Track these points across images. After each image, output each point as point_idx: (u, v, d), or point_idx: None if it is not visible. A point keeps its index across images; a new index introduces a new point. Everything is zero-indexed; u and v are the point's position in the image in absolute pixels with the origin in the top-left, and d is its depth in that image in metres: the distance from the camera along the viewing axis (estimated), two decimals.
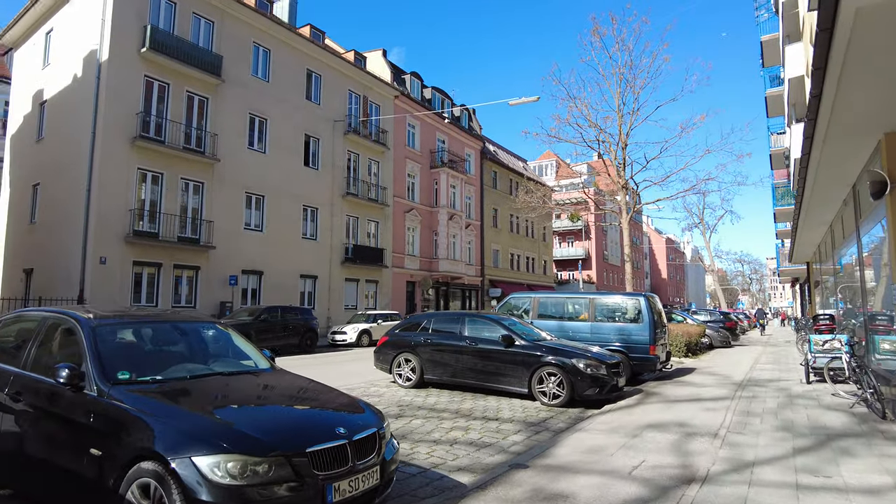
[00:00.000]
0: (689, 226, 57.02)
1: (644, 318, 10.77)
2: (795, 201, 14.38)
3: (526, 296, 12.52)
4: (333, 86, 27.90)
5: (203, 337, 4.82)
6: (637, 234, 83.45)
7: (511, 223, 45.38)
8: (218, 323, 5.08)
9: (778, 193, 25.34)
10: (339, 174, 27.62)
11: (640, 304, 10.93)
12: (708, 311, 26.80)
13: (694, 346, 18.21)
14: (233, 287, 21.84)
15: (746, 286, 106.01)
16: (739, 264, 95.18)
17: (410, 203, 32.76)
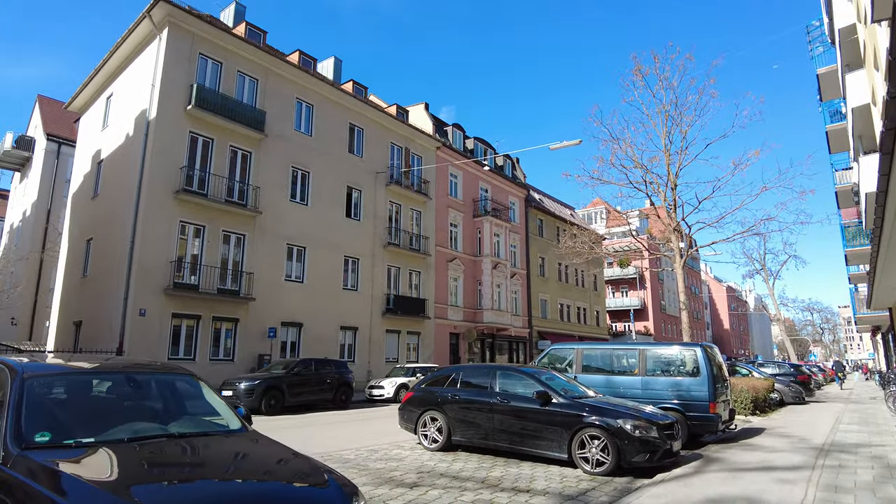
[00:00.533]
0: (750, 272, 53.76)
1: (702, 371, 9.52)
2: (871, 242, 12.95)
3: (569, 347, 11.45)
4: (375, 138, 28.16)
5: (166, 391, 4.18)
6: (695, 283, 79.93)
7: (559, 272, 44.07)
8: (190, 374, 4.43)
9: (848, 234, 23.36)
10: (380, 224, 27.47)
11: (697, 356, 9.70)
12: (776, 364, 24.52)
13: (762, 402, 16.41)
14: (271, 339, 21.53)
15: (818, 337, 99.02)
16: (808, 313, 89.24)
17: (453, 252, 32.22)
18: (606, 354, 10.88)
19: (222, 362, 20.18)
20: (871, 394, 28.12)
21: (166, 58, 20.00)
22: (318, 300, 23.80)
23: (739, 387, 15.54)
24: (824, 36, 23.69)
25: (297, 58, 26.76)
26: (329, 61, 31.86)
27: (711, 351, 10.26)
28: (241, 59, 22.47)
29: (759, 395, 16.27)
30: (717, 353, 10.64)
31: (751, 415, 15.13)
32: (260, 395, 15.20)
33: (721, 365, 10.67)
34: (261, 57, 23.11)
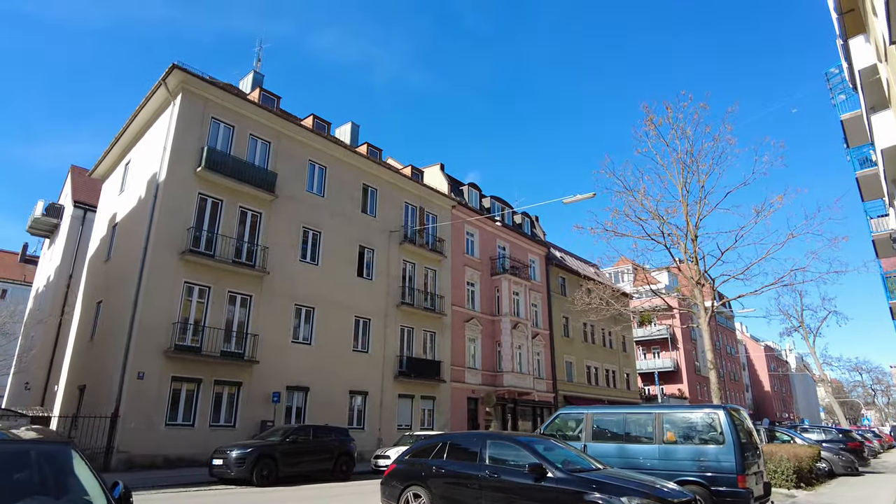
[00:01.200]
0: (787, 330, 51.03)
1: (728, 437, 8.30)
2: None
3: (578, 411, 10.30)
4: (389, 198, 28.01)
5: (19, 463, 3.39)
6: (731, 342, 76.54)
7: (584, 332, 42.44)
8: (58, 441, 3.64)
9: (891, 284, 21.76)
10: (393, 284, 26.84)
11: (721, 420, 8.50)
12: (822, 429, 22.38)
13: (807, 473, 14.66)
14: (275, 404, 20.63)
15: (870, 399, 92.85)
16: (857, 373, 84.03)
17: (470, 312, 31.24)
18: (619, 420, 9.69)
19: (223, 428, 19.25)
20: None
21: (178, 121, 20.33)
22: (327, 363, 22.94)
23: (778, 455, 13.96)
24: (845, 82, 23.01)
25: (311, 122, 27.13)
26: (346, 126, 32.43)
27: (738, 414, 9.03)
28: (253, 123, 22.77)
29: (804, 464, 14.58)
30: (744, 416, 9.38)
31: (794, 488, 13.45)
32: (252, 465, 14.17)
33: (751, 431, 9.38)
34: (273, 121, 23.42)
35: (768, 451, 14.35)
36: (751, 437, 9.18)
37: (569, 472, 6.88)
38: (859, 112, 22.45)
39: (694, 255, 17.44)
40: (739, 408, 9.49)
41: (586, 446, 9.54)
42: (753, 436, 9.38)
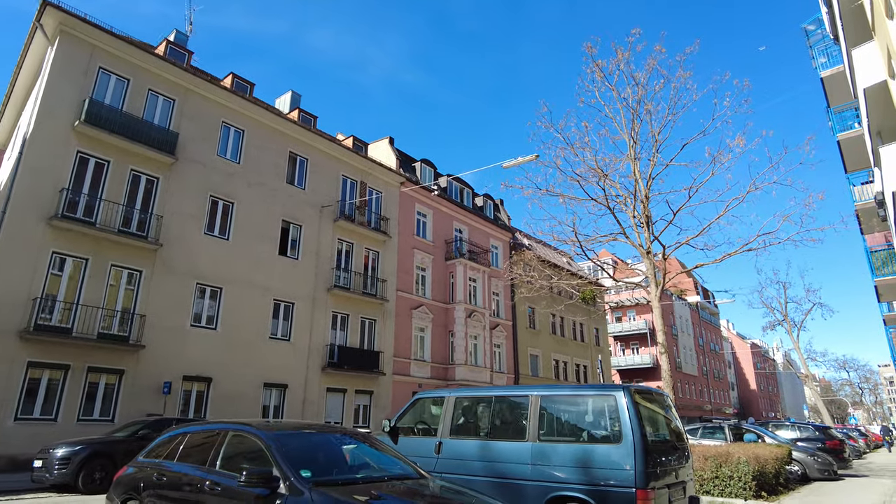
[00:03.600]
0: (770, 324, 48.69)
1: (626, 434, 5.46)
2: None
3: (438, 395, 7.44)
4: (323, 170, 25.09)
5: None
6: (716, 340, 74.21)
7: (553, 324, 39.70)
8: None
9: (876, 260, 19.10)
10: (324, 264, 23.92)
11: (618, 407, 5.64)
12: (798, 426, 19.69)
13: (772, 478, 11.91)
14: (166, 396, 17.66)
15: (857, 398, 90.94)
16: (844, 371, 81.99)
17: (419, 298, 28.37)
18: (488, 406, 6.85)
19: (97, 423, 16.24)
20: None
21: (53, 67, 17.40)
22: (236, 351, 20.01)
23: (735, 458, 11.18)
24: (827, 38, 20.37)
25: (230, 81, 24.18)
26: (286, 96, 29.59)
27: (648, 400, 6.22)
28: (154, 78, 19.83)
29: (768, 467, 11.84)
30: (658, 401, 6.56)
31: (753, 498, 10.69)
32: (78, 466, 11.27)
33: (672, 424, 6.58)
34: (180, 76, 20.48)
35: (724, 453, 11.59)
36: (669, 434, 6.39)
37: (321, 484, 4.01)
38: (841, 68, 19.86)
39: (644, 218, 14.68)
40: (655, 390, 6.68)
41: (441, 444, 6.73)
42: (676, 432, 6.57)
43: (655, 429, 6.12)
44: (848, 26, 14.78)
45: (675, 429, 6.58)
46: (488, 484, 6.07)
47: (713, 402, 65.60)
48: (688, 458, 6.47)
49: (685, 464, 6.30)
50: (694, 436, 16.83)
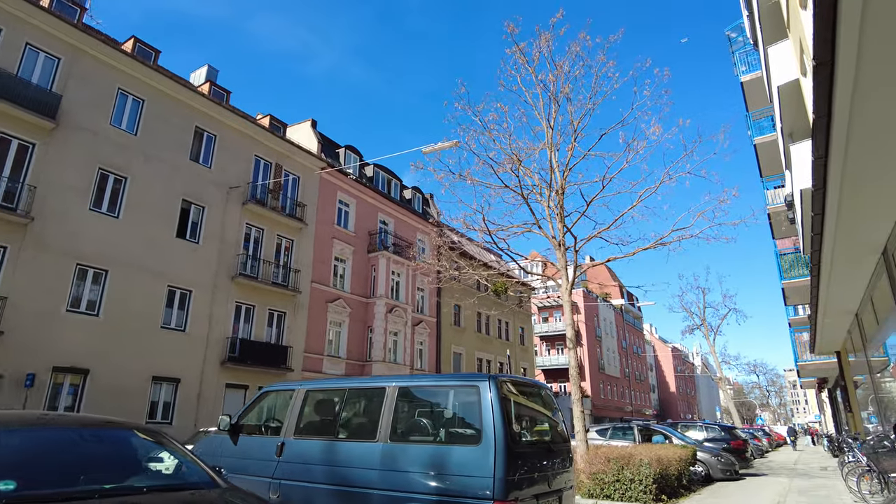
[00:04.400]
0: (689, 328, 50.48)
1: (486, 432, 4.53)
2: (811, 258, 8.72)
3: (289, 387, 6.31)
4: (234, 149, 23.29)
5: None
6: (638, 343, 76.33)
7: (479, 323, 39.17)
8: None
9: (784, 263, 19.46)
10: (229, 250, 22.16)
11: (480, 401, 4.71)
12: (705, 427, 19.78)
13: (675, 481, 11.48)
14: (28, 389, 15.57)
15: (765, 399, 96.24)
16: (755, 375, 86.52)
17: (336, 291, 26.98)
18: (339, 399, 5.79)
19: None
20: (820, 461, 23.64)
21: None
22: (121, 341, 18.02)
23: (637, 460, 10.65)
24: (748, 45, 20.65)
25: (131, 45, 22.03)
26: (201, 70, 27.47)
27: (519, 391, 5.34)
28: (34, 31, 17.60)
29: (671, 469, 11.39)
30: (536, 395, 5.72)
31: (653, 502, 10.15)
32: None
33: (548, 419, 5.75)
34: (69, 34, 18.31)
35: (627, 455, 11.06)
36: (547, 434, 5.55)
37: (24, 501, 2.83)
38: (759, 74, 20.13)
39: (559, 210, 14.07)
40: (533, 381, 5.84)
41: (284, 445, 5.63)
42: (557, 432, 5.73)
43: (528, 428, 5.28)
44: (766, 25, 14.73)
45: (555, 428, 5.75)
46: (330, 493, 5.04)
47: (634, 403, 67.33)
48: (569, 463, 5.65)
49: (564, 470, 5.47)
50: (604, 436, 16.45)
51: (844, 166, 5.19)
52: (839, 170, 5.28)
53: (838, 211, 6.35)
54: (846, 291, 10.06)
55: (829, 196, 5.73)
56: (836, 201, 5.80)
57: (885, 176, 5.66)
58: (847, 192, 5.76)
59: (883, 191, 5.83)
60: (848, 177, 5.40)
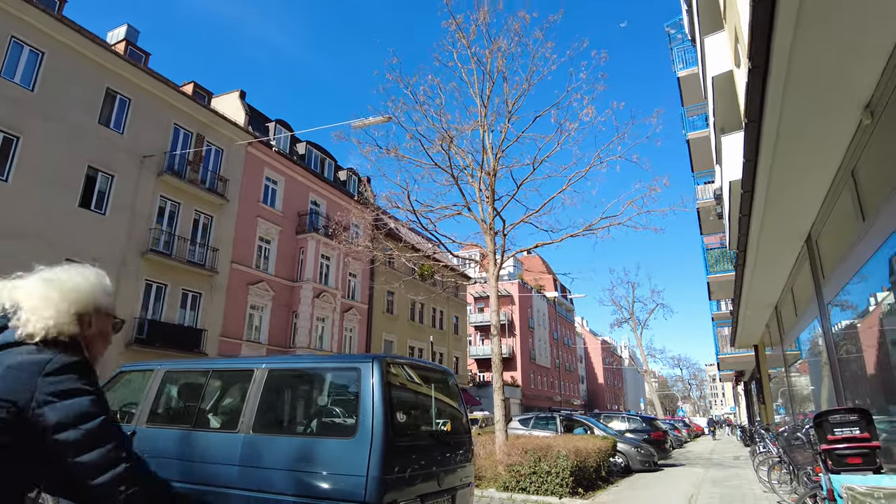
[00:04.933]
0: (618, 321, 51.85)
1: (363, 423, 3.81)
2: (738, 246, 8.50)
3: (147, 368, 5.39)
4: (150, 115, 21.48)
5: None
6: (569, 335, 77.94)
7: (412, 311, 38.52)
8: None
9: (710, 258, 19.83)
10: (140, 224, 20.47)
11: (361, 387, 3.98)
12: (627, 418, 19.98)
13: (592, 473, 11.21)
14: None
15: (687, 392, 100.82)
16: (678, 368, 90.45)
17: (259, 273, 25.61)
18: (200, 383, 4.94)
19: None
20: (733, 451, 24.50)
21: None
22: None
23: (555, 452, 10.27)
24: (687, 41, 20.82)
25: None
26: (120, 30, 25.36)
27: (411, 375, 4.68)
28: None
29: (589, 461, 11.10)
30: (432, 380, 5.06)
31: (570, 495, 9.80)
32: None
33: (446, 408, 5.11)
34: None
35: (544, 446, 10.67)
36: (443, 425, 4.92)
37: None
38: (696, 70, 20.32)
39: (490, 193, 13.52)
40: (428, 364, 5.20)
41: (135, 434, 4.74)
42: (455, 422, 5.11)
43: (421, 418, 4.63)
44: (703, 17, 14.69)
45: (457, 419, 5.13)
46: (184, 494, 4.23)
47: (563, 394, 68.73)
48: (469, 458, 5.05)
49: (462, 465, 4.85)
50: (526, 426, 16.17)
51: (776, 143, 4.79)
52: (771, 146, 4.88)
53: (767, 189, 6.02)
54: (769, 282, 10.00)
55: (760, 173, 5.36)
56: (765, 177, 5.45)
57: (813, 156, 5.33)
58: (777, 172, 5.41)
59: (810, 174, 5.53)
60: (779, 154, 5.02)
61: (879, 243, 4.46)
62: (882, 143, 4.33)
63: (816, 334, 8.74)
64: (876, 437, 4.18)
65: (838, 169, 5.26)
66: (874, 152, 4.50)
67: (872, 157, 4.54)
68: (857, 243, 5.12)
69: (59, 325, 1.48)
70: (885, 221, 4.30)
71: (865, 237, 4.84)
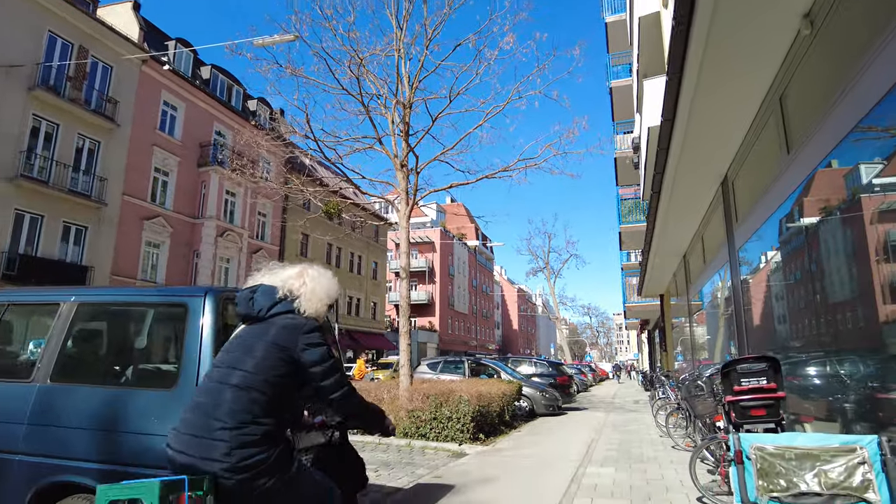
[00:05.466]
0: (533, 270, 53.09)
1: (187, 371, 2.98)
2: (653, 186, 8.13)
3: None
4: (17, 18, 18.46)
5: None
6: (487, 283, 79.35)
7: (329, 254, 37.27)
8: None
9: (624, 208, 20.00)
10: (7, 146, 17.88)
11: (188, 329, 3.09)
12: (534, 362, 20.27)
13: (496, 418, 11.00)
14: None
15: (595, 339, 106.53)
16: (588, 317, 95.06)
17: (155, 207, 23.47)
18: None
19: None
20: (634, 395, 25.76)
21: None
22: None
23: (457, 396, 9.90)
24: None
25: None
26: None
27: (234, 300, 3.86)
28: None
29: (493, 406, 10.86)
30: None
31: (470, 441, 9.50)
32: None
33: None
34: None
35: (446, 391, 10.29)
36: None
37: None
38: (623, 16, 19.85)
39: (405, 127, 12.54)
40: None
41: None
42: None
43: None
44: None
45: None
46: None
47: (479, 338, 70.39)
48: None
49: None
50: (434, 370, 15.89)
51: (704, 53, 4.19)
52: (698, 59, 4.29)
53: (688, 120, 5.53)
54: (681, 227, 9.85)
55: (683, 97, 4.81)
56: (687, 104, 4.91)
57: (741, 81, 4.82)
58: (701, 99, 4.88)
59: (736, 95, 5.04)
60: (706, 71, 4.45)
61: (805, 173, 4.06)
62: (819, 57, 3.84)
63: (722, 283, 8.68)
64: (782, 388, 3.87)
65: (767, 93, 4.81)
66: (808, 71, 4.03)
67: (806, 77, 4.08)
68: (778, 177, 4.74)
69: (318, 310, 2.45)
70: (813, 149, 3.87)
71: (788, 170, 4.45)
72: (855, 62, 3.32)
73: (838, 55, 3.66)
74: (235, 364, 2.20)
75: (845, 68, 3.47)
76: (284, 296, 2.39)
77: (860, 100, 3.28)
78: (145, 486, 1.93)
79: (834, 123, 3.64)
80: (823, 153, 3.78)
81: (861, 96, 3.27)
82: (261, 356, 2.19)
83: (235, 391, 2.12)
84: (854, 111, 3.36)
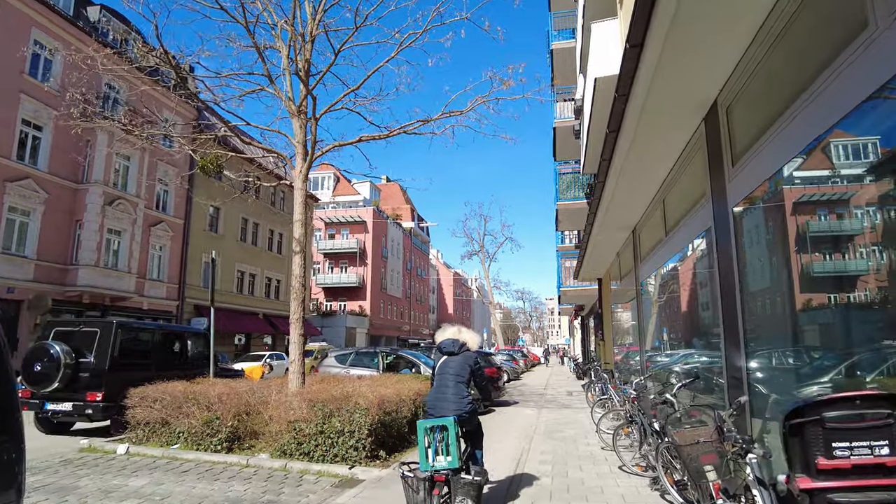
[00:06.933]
0: (469, 253, 51.65)
1: None
2: (610, 125, 6.14)
3: None
4: None
5: None
6: (424, 266, 77.34)
7: (244, 231, 34.00)
8: None
9: (562, 183, 18.28)
10: None
11: None
12: None
13: (405, 425, 8.91)
14: None
15: (527, 324, 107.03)
16: (521, 301, 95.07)
17: (23, 167, 19.82)
18: None
19: None
20: (567, 385, 24.46)
21: None
22: None
23: (353, 402, 7.74)
24: None
25: None
26: None
27: None
28: None
29: (401, 412, 8.76)
30: None
31: (367, 461, 7.38)
32: None
33: None
34: None
35: (342, 395, 8.04)
36: None
37: None
38: None
39: (305, 65, 10.09)
40: None
41: None
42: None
43: None
44: None
45: None
46: None
47: (413, 323, 68.43)
48: None
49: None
50: (344, 363, 13.69)
51: None
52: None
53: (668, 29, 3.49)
54: (637, 191, 7.99)
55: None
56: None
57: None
58: None
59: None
60: None
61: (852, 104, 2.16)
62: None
63: (692, 254, 6.90)
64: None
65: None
66: None
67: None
68: (795, 114, 2.85)
69: (475, 348, 5.53)
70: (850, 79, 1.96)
71: (805, 109, 2.55)
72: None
73: None
74: (452, 371, 5.17)
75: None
76: (462, 343, 5.36)
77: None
78: (447, 420, 4.61)
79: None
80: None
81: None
82: (461, 368, 5.19)
83: (455, 381, 5.12)
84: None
